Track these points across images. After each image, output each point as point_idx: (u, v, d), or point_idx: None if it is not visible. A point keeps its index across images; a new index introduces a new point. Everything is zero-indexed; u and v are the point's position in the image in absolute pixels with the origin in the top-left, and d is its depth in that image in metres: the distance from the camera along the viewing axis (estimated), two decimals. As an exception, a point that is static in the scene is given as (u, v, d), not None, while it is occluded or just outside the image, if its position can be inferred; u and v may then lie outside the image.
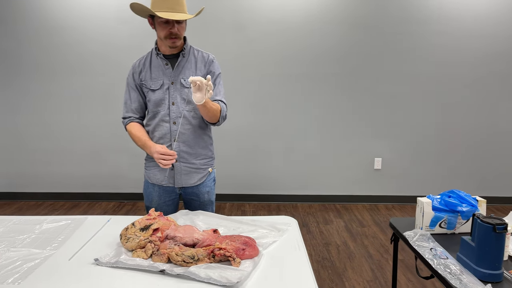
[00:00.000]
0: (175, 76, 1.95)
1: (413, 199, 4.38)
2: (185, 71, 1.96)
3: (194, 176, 2.04)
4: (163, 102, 1.96)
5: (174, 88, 1.95)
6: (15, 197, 4.47)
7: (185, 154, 2.00)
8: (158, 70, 1.97)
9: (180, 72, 1.96)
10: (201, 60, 2.00)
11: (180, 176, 2.02)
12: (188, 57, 1.98)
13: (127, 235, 1.56)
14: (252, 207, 4.28)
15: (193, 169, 2.03)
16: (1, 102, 4.31)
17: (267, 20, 4.12)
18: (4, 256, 1.50)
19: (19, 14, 4.14)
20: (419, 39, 4.13)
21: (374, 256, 3.17)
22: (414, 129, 4.29)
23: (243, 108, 4.25)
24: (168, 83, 1.95)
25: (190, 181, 2.04)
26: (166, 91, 1.95)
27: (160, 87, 1.96)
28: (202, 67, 1.99)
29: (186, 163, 2.02)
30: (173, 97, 1.95)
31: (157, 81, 1.96)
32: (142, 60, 2.02)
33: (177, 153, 1.97)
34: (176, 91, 1.95)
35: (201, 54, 2.02)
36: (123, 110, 2.07)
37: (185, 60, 1.97)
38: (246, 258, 1.47)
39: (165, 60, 1.96)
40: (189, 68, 1.97)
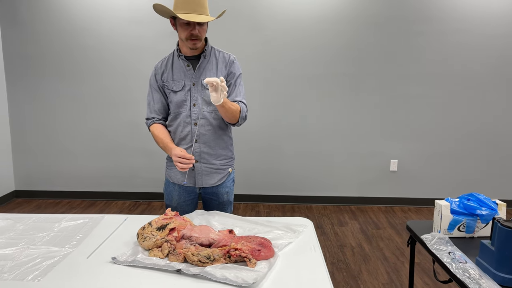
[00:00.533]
0: (197, 77, 1.97)
1: (429, 202, 4.32)
2: (206, 72, 1.97)
3: (214, 177, 2.06)
4: (185, 104, 1.98)
5: (195, 89, 1.97)
6: (34, 195, 4.55)
7: (205, 154, 2.02)
8: (180, 71, 1.98)
9: (201, 73, 1.97)
10: (222, 61, 2.01)
11: (201, 176, 2.04)
12: (209, 58, 1.99)
13: (144, 234, 1.57)
14: (266, 208, 4.27)
15: (213, 170, 2.05)
16: (22, 103, 4.39)
17: (283, 20, 4.12)
18: (24, 254, 1.53)
19: (39, 17, 4.22)
20: (437, 38, 4.08)
21: (390, 259, 3.14)
22: (431, 130, 4.23)
23: (258, 108, 4.26)
24: (189, 85, 1.97)
25: (210, 182, 2.06)
26: (188, 92, 1.97)
27: (182, 89, 1.97)
28: (223, 68, 2.00)
29: (207, 164, 2.03)
30: (195, 99, 1.97)
31: (178, 83, 1.98)
32: (164, 62, 2.03)
33: (197, 154, 2.00)
34: (197, 92, 1.97)
35: (222, 55, 2.03)
36: (147, 111, 2.10)
37: (206, 61, 1.98)
38: (262, 259, 1.47)
39: (187, 62, 1.97)
40: (210, 69, 1.98)
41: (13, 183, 4.54)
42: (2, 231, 1.74)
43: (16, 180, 4.55)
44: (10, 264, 1.44)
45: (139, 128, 4.30)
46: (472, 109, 4.18)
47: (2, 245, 1.60)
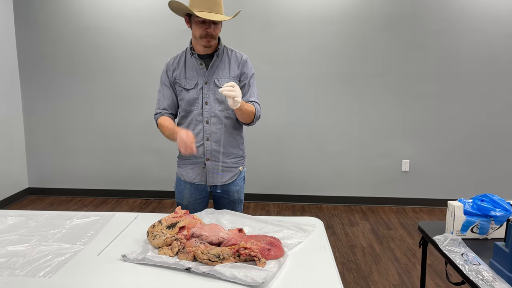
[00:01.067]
0: (209, 76, 1.97)
1: (442, 203, 4.27)
2: (219, 71, 1.98)
3: (225, 175, 2.06)
4: (197, 102, 1.98)
5: (207, 88, 1.97)
6: (47, 193, 4.61)
7: (216, 153, 2.03)
8: (192, 69, 1.98)
9: (214, 72, 1.97)
10: (235, 60, 2.01)
11: (212, 174, 2.04)
12: (222, 57, 2.00)
13: (154, 232, 1.58)
14: (276, 207, 4.26)
15: (224, 168, 2.06)
16: (35, 102, 4.45)
17: (293, 19, 4.10)
18: (36, 250, 1.54)
19: (52, 17, 4.27)
20: (450, 36, 4.02)
21: (401, 260, 3.11)
22: (444, 130, 4.18)
23: (268, 107, 4.24)
24: (202, 83, 1.97)
25: (221, 180, 2.06)
26: (200, 90, 1.97)
27: (194, 87, 1.98)
28: (235, 68, 2.00)
29: (217, 162, 2.04)
30: (207, 97, 1.97)
31: (191, 81, 1.98)
32: (176, 59, 2.03)
33: (209, 152, 2.01)
34: (209, 91, 1.97)
35: (235, 54, 2.03)
36: (155, 107, 2.10)
37: (219, 60, 1.99)
38: (271, 259, 1.47)
39: (200, 60, 1.98)
40: (223, 68, 1.98)
41: (26, 180, 4.60)
42: (14, 228, 1.76)
43: (29, 178, 4.61)
44: (22, 260, 1.46)
45: (151, 126, 4.32)
46: (485, 109, 4.12)
47: (15, 242, 1.62)
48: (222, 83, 1.96)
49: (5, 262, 1.45)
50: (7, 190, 4.30)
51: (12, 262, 1.45)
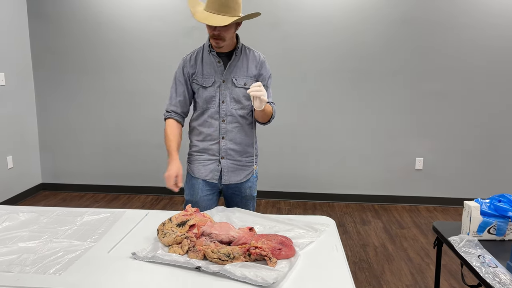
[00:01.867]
0: (227, 74, 1.96)
1: (456, 202, 4.20)
2: (237, 71, 1.96)
3: (240, 173, 2.06)
4: (214, 100, 1.97)
5: (225, 86, 1.96)
6: (60, 188, 4.65)
7: (232, 151, 2.02)
8: (210, 67, 1.96)
9: (232, 71, 1.96)
10: (252, 60, 2.00)
11: (227, 173, 2.04)
12: (240, 56, 1.98)
13: (164, 230, 1.57)
14: (287, 205, 4.24)
15: (239, 166, 2.05)
16: (49, 98, 4.49)
17: (305, 17, 4.05)
18: (47, 247, 1.55)
19: (65, 12, 4.29)
20: (464, 33, 3.93)
21: (414, 260, 3.06)
22: (458, 128, 4.10)
23: (280, 105, 4.21)
24: (219, 81, 1.96)
25: (236, 178, 2.06)
26: (217, 89, 1.96)
27: (212, 85, 1.96)
28: (253, 68, 1.99)
29: (233, 160, 2.03)
30: (224, 96, 1.96)
31: (209, 79, 1.96)
32: (193, 55, 2.00)
33: (224, 150, 2.00)
34: (227, 89, 1.96)
35: (253, 53, 2.02)
36: (167, 103, 2.07)
37: (237, 59, 1.97)
38: (282, 258, 1.44)
39: (218, 58, 1.95)
40: (240, 68, 1.97)
41: (40, 176, 4.65)
42: (26, 224, 1.77)
43: (43, 173, 4.66)
44: (33, 257, 1.46)
45: (162, 123, 4.32)
46: (501, 106, 4.03)
47: (26, 238, 1.62)
48: (239, 82, 1.96)
49: (16, 258, 1.45)
50: (21, 185, 4.35)
51: (23, 258, 1.45)
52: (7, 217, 1.80)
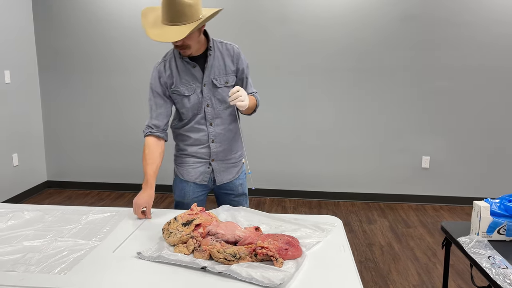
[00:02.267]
0: (206, 77, 1.87)
1: (463, 201, 4.16)
2: (215, 71, 1.87)
3: (232, 171, 2.04)
4: (199, 106, 1.89)
5: (207, 89, 1.88)
6: (65, 186, 4.66)
7: (221, 153, 1.98)
8: (187, 74, 1.86)
9: (210, 72, 1.87)
10: (228, 54, 1.90)
11: (220, 173, 2.01)
12: (214, 53, 1.87)
13: (169, 230, 1.55)
14: (292, 203, 4.22)
15: (230, 164, 2.02)
16: (54, 96, 4.49)
17: (311, 13, 4.02)
18: (52, 246, 1.54)
19: (71, 11, 4.29)
20: (473, 30, 3.89)
21: (421, 259, 3.03)
22: (465, 126, 4.06)
23: (287, 103, 4.19)
24: (200, 86, 1.87)
25: (228, 177, 2.03)
26: (200, 94, 1.88)
27: (194, 92, 1.87)
28: (230, 64, 1.90)
29: (223, 160, 2.00)
30: (207, 99, 1.89)
31: (189, 86, 1.86)
32: (166, 64, 1.88)
33: (215, 154, 1.96)
34: (209, 92, 1.88)
35: (225, 47, 1.90)
36: (148, 117, 1.95)
37: (212, 59, 1.86)
38: (289, 259, 1.43)
39: (192, 63, 1.85)
40: (217, 66, 1.88)
41: (45, 173, 4.65)
42: (31, 223, 1.76)
43: (48, 171, 4.66)
44: (38, 256, 1.45)
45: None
46: (509, 105, 3.98)
47: (31, 237, 1.61)
48: (221, 82, 1.88)
49: (21, 257, 1.45)
50: (27, 183, 4.36)
51: (28, 258, 1.44)
52: (12, 215, 1.80)
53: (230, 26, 4.12)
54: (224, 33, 4.11)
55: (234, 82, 1.94)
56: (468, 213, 3.96)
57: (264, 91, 4.20)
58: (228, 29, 4.13)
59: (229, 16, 4.09)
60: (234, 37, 4.09)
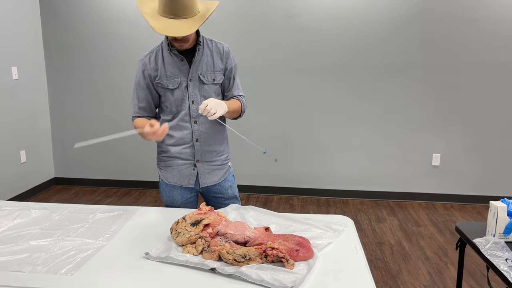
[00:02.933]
0: (193, 72, 1.83)
1: (474, 199, 4.09)
2: (203, 66, 1.84)
3: (217, 173, 1.98)
4: (183, 102, 1.85)
5: (193, 85, 1.84)
6: (73, 183, 4.66)
7: (206, 153, 1.93)
8: (173, 67, 1.83)
9: (197, 67, 1.84)
10: (217, 52, 1.87)
11: (204, 175, 1.95)
12: (203, 50, 1.85)
13: (177, 230, 1.52)
14: (300, 201, 4.18)
15: (215, 167, 1.97)
16: (61, 92, 4.48)
17: (319, 8, 3.96)
18: (59, 245, 1.52)
19: (77, 8, 4.27)
20: (486, 26, 3.81)
21: (432, 259, 2.98)
22: (477, 123, 3.98)
23: (295, 100, 4.14)
24: (185, 81, 1.84)
25: (213, 179, 1.97)
26: (185, 89, 1.84)
27: (178, 86, 1.84)
28: (219, 61, 1.88)
29: (208, 162, 1.95)
30: (193, 95, 1.85)
31: (174, 79, 1.83)
32: (152, 56, 1.86)
33: (199, 153, 1.91)
34: (195, 88, 1.85)
35: (215, 45, 1.88)
36: (131, 110, 1.93)
37: (201, 54, 1.84)
38: (300, 260, 1.39)
39: (180, 56, 1.82)
40: (205, 63, 1.85)
41: (53, 170, 4.66)
42: (38, 221, 1.74)
43: (55, 168, 4.66)
44: (45, 256, 1.43)
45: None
46: (524, 101, 3.90)
47: (38, 236, 1.59)
48: (208, 79, 1.85)
49: (28, 257, 1.42)
50: (34, 179, 4.36)
51: (35, 257, 1.42)
52: (19, 214, 1.78)
53: (235, 22, 4.08)
54: (228, 29, 4.07)
55: (222, 81, 1.91)
56: (479, 211, 3.90)
57: (272, 88, 4.15)
58: (232, 26, 4.08)
59: (236, 12, 4.05)
60: (239, 33, 4.06)
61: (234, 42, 4.07)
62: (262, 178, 4.34)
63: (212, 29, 4.01)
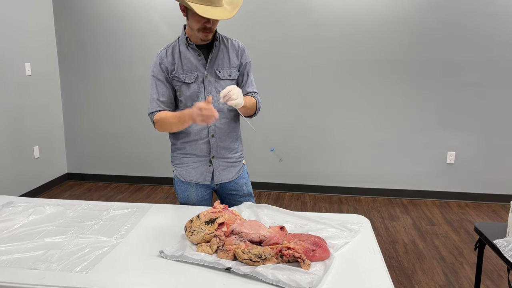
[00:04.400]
0: (210, 67, 1.84)
1: (489, 198, 4.02)
2: (219, 62, 1.86)
3: (231, 170, 1.97)
4: (199, 96, 1.84)
5: (208, 80, 1.84)
6: (85, 178, 4.69)
7: (222, 149, 1.92)
8: (190, 61, 1.83)
9: (214, 63, 1.85)
10: (233, 49, 1.89)
11: (219, 172, 1.94)
12: (219, 46, 1.87)
13: (192, 228, 1.51)
14: (312, 199, 4.15)
15: (230, 163, 1.96)
16: (74, 89, 4.50)
17: (333, 3, 3.91)
18: (74, 243, 1.51)
19: (89, 5, 4.27)
20: (503, 21, 3.72)
21: (447, 259, 2.93)
22: (492, 120, 3.90)
23: (308, 97, 4.10)
24: (202, 75, 1.84)
25: (228, 176, 1.97)
26: (201, 84, 1.84)
27: (195, 80, 1.83)
28: (234, 57, 1.89)
29: (223, 158, 1.94)
30: (209, 90, 1.85)
31: (190, 74, 1.83)
32: (169, 50, 1.86)
33: (214, 149, 1.90)
34: (211, 84, 1.84)
35: (231, 42, 1.91)
36: (149, 106, 1.89)
37: (217, 50, 1.86)
38: (316, 260, 1.37)
39: (198, 51, 1.83)
40: (222, 58, 1.86)
41: (65, 166, 4.69)
42: (53, 218, 1.74)
43: (68, 163, 4.70)
44: (60, 253, 1.43)
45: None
46: (542, 98, 3.81)
47: (52, 233, 1.59)
48: (224, 74, 1.86)
49: (43, 254, 1.42)
50: (48, 175, 4.39)
51: (50, 255, 1.42)
52: (34, 210, 1.78)
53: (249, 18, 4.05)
54: (242, 26, 4.04)
55: (237, 77, 1.92)
56: (495, 210, 3.83)
57: (285, 85, 4.12)
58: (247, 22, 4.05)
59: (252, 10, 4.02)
60: (252, 30, 4.03)
61: (248, 38, 4.05)
62: (273, 175, 4.32)
63: (227, 26, 3.98)
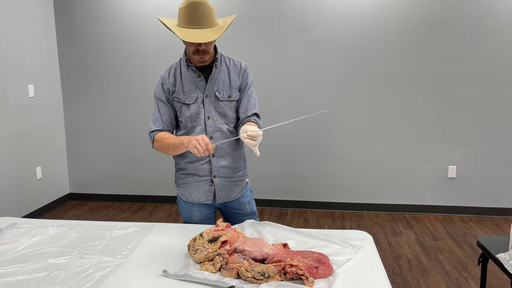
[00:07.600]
0: (209, 88, 1.86)
1: (493, 211, 4.01)
2: (219, 83, 1.87)
3: (234, 189, 1.98)
4: (198, 117, 1.87)
5: (208, 101, 1.86)
6: (88, 198, 4.69)
7: (223, 168, 1.93)
8: (190, 82, 1.86)
9: (213, 84, 1.86)
10: (234, 69, 1.90)
11: (221, 191, 1.95)
12: (220, 67, 1.88)
13: (195, 246, 1.52)
14: (315, 215, 4.14)
15: (232, 182, 1.97)
16: (76, 109, 4.55)
17: (331, 21, 3.98)
18: (77, 263, 1.52)
19: (92, 26, 4.35)
20: (502, 36, 3.78)
21: (451, 274, 2.91)
22: (494, 134, 3.92)
23: (308, 112, 4.14)
24: (202, 96, 1.86)
25: (231, 195, 1.97)
26: (201, 105, 1.86)
27: (195, 101, 1.86)
28: (236, 78, 1.90)
29: (225, 178, 1.94)
30: (208, 111, 1.87)
31: (190, 95, 1.86)
32: (171, 72, 1.90)
33: (216, 169, 1.91)
34: (210, 104, 1.87)
35: (233, 62, 1.92)
36: (151, 125, 1.92)
37: (218, 71, 1.87)
38: (320, 277, 1.37)
39: (197, 72, 1.85)
40: (222, 79, 1.88)
41: (67, 186, 4.70)
42: (56, 239, 1.75)
43: (70, 183, 4.71)
44: (63, 274, 1.43)
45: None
46: (541, 111, 3.84)
47: (56, 254, 1.60)
48: (223, 95, 1.87)
49: (47, 276, 1.43)
50: (50, 195, 4.40)
51: (54, 276, 1.42)
52: (37, 231, 1.79)
53: (249, 37, 4.11)
54: (242, 45, 4.10)
55: (238, 98, 1.92)
56: (498, 224, 3.82)
57: (285, 101, 4.16)
58: (246, 41, 4.12)
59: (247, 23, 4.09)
60: (252, 44, 4.09)
61: (248, 57, 4.10)
62: (275, 192, 4.32)
63: (227, 45, 4.05)
